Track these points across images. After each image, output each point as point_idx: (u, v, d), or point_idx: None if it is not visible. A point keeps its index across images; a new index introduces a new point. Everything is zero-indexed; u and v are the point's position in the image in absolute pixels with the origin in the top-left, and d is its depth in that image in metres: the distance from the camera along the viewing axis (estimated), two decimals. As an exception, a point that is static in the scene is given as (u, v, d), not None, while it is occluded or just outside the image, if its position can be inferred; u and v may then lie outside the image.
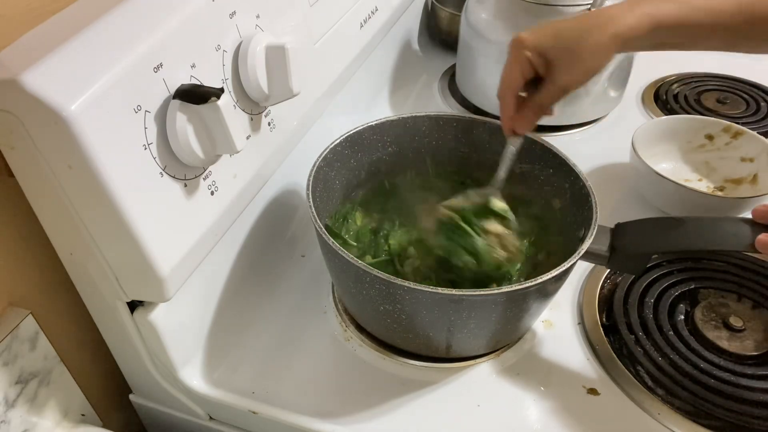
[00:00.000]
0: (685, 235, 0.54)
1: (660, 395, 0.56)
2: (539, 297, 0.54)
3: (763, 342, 0.59)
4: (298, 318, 0.65)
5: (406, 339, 0.58)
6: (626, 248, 0.55)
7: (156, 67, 0.44)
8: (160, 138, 0.45)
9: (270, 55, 0.52)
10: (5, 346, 0.50)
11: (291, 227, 0.72)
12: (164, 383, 0.60)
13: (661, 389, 0.56)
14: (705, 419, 0.54)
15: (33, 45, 0.42)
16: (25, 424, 0.53)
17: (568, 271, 0.52)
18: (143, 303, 0.52)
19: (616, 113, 0.92)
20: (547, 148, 0.63)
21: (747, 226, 0.51)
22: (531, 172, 0.65)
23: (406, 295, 0.51)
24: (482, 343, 0.58)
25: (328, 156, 0.62)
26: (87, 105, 0.39)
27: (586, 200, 0.57)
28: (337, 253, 0.51)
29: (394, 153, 0.69)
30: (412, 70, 1.03)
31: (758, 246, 0.49)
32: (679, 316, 0.62)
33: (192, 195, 0.49)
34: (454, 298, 0.50)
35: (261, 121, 0.57)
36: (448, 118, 0.68)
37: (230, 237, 0.60)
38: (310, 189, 0.57)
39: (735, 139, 0.79)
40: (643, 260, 0.57)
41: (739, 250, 0.65)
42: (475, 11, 0.86)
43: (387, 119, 0.67)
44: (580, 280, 0.67)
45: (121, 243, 0.45)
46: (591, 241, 0.53)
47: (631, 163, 0.76)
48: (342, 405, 0.57)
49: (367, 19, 0.77)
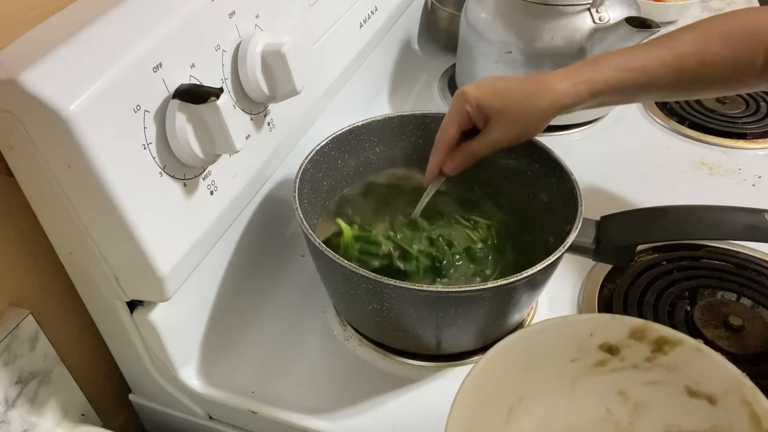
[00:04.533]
0: (668, 225, 0.55)
1: (659, 395, 0.56)
2: (526, 291, 0.54)
3: (762, 341, 0.59)
4: (298, 317, 0.65)
5: (396, 337, 0.59)
6: (611, 240, 0.56)
7: (155, 66, 0.44)
8: (160, 138, 0.45)
9: (270, 55, 0.52)
10: (5, 346, 0.50)
11: (290, 227, 0.72)
12: (164, 383, 0.60)
13: (661, 389, 0.56)
14: (704, 419, 0.54)
15: (33, 45, 0.42)
16: (25, 424, 0.53)
17: (554, 264, 0.52)
18: (143, 303, 0.52)
19: (616, 113, 0.92)
20: (533, 143, 0.63)
21: (731, 215, 0.51)
22: (518, 167, 0.65)
23: (392, 294, 0.51)
24: (472, 339, 0.58)
25: (315, 158, 0.63)
26: (86, 105, 0.39)
27: (572, 194, 0.58)
28: (324, 254, 0.52)
29: (381, 153, 0.69)
30: (411, 70, 1.03)
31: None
32: (679, 316, 0.62)
33: (191, 195, 0.49)
34: (441, 295, 0.50)
35: (260, 121, 0.57)
36: (434, 117, 0.68)
37: (230, 237, 0.60)
38: (296, 191, 0.58)
39: (663, 354, 0.44)
40: (627, 251, 0.57)
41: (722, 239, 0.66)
42: (475, 11, 0.86)
43: (373, 119, 0.67)
44: (579, 279, 0.67)
45: (120, 242, 0.45)
46: (576, 233, 0.54)
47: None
48: (341, 404, 0.57)
49: (367, 19, 0.78)
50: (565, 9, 0.79)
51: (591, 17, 0.78)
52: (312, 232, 0.54)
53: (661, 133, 0.88)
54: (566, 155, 0.62)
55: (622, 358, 0.45)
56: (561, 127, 0.88)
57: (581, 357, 0.45)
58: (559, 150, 0.62)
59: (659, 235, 0.57)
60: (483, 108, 0.56)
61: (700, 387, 0.42)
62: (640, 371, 0.44)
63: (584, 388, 0.46)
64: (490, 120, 0.56)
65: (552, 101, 0.55)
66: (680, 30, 0.57)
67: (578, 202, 0.57)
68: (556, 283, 0.64)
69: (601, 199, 0.76)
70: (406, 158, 0.71)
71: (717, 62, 0.54)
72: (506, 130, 0.56)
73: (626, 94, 0.57)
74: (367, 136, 0.68)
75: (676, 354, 0.43)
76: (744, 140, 0.86)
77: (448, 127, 0.58)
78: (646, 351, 0.44)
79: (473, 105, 0.56)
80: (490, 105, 0.56)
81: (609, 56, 0.56)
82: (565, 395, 0.46)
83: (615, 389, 0.46)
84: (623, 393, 0.45)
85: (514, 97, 0.56)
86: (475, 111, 0.56)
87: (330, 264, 0.52)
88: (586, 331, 0.45)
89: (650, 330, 0.43)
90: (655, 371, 0.44)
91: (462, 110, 0.56)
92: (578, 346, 0.45)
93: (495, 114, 0.56)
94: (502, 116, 0.56)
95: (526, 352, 0.45)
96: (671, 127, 0.89)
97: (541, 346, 0.45)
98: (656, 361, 0.44)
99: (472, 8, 0.87)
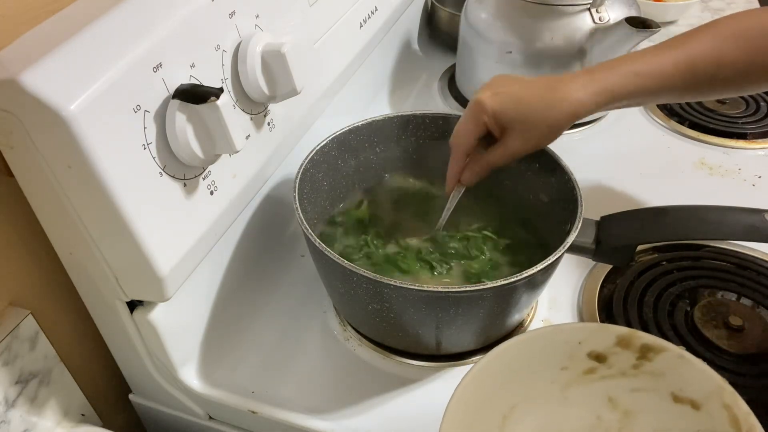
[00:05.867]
0: (668, 225, 0.55)
1: (659, 395, 0.56)
2: (526, 291, 0.54)
3: (762, 341, 0.59)
4: (298, 317, 0.65)
5: (396, 337, 0.59)
6: (611, 240, 0.56)
7: (155, 66, 0.44)
8: (160, 138, 0.45)
9: (270, 55, 0.52)
10: (5, 346, 0.50)
11: (290, 227, 0.72)
12: (164, 383, 0.60)
13: (661, 389, 0.56)
14: (704, 419, 0.54)
15: (33, 45, 0.42)
16: (25, 424, 0.53)
17: (554, 264, 0.52)
18: (143, 302, 0.52)
19: (616, 113, 0.92)
20: None
21: (731, 215, 0.51)
22: (518, 167, 0.65)
23: (392, 294, 0.51)
24: (472, 339, 0.58)
25: (315, 158, 0.63)
26: (86, 105, 0.39)
27: (572, 194, 0.58)
28: (324, 254, 0.52)
29: (381, 153, 0.69)
30: (412, 70, 1.03)
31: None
32: (679, 316, 0.62)
33: (191, 195, 0.49)
34: (441, 295, 0.50)
35: (260, 121, 0.57)
36: (434, 117, 0.68)
37: (230, 236, 0.60)
38: (296, 191, 0.58)
39: (648, 360, 0.45)
40: (628, 251, 0.57)
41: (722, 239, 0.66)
42: (475, 11, 0.86)
43: (373, 119, 0.67)
44: (579, 279, 0.67)
45: (120, 242, 0.45)
46: (576, 233, 0.54)
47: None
48: (341, 404, 0.57)
49: (367, 19, 0.78)
50: (565, 9, 0.79)
51: (591, 17, 0.78)
52: (312, 232, 0.54)
53: (661, 133, 0.88)
54: (566, 155, 0.62)
55: (610, 366, 0.46)
56: (561, 127, 0.89)
57: (571, 365, 0.46)
58: (559, 150, 0.62)
59: (659, 235, 0.57)
60: (500, 119, 0.55)
61: (684, 393, 0.43)
62: (627, 378, 0.45)
63: (575, 396, 0.47)
64: (508, 130, 0.56)
65: (570, 112, 0.54)
66: (693, 31, 0.56)
67: (578, 202, 0.56)
68: (556, 283, 0.64)
69: (601, 199, 0.76)
70: (407, 158, 0.71)
71: (731, 64, 0.54)
72: (526, 140, 0.56)
73: (642, 99, 0.57)
74: (367, 136, 0.68)
75: (660, 361, 0.44)
76: (744, 140, 0.86)
77: (466, 138, 0.57)
78: (632, 358, 0.45)
79: (490, 116, 0.55)
80: (508, 116, 0.55)
81: (625, 61, 0.56)
82: (557, 403, 0.47)
83: (605, 396, 0.46)
84: (612, 400, 0.46)
85: (533, 108, 0.55)
86: (491, 121, 0.55)
87: (330, 264, 0.52)
88: (575, 339, 0.46)
89: (635, 338, 0.45)
90: (642, 378, 0.45)
91: (480, 121, 0.56)
92: (568, 355, 0.46)
93: (513, 125, 0.55)
94: (521, 127, 0.55)
95: (517, 361, 0.46)
96: (671, 127, 0.89)
97: (532, 354, 0.46)
98: (642, 368, 0.45)
99: (472, 8, 0.87)
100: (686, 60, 0.54)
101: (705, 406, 0.42)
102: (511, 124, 0.55)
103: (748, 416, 0.39)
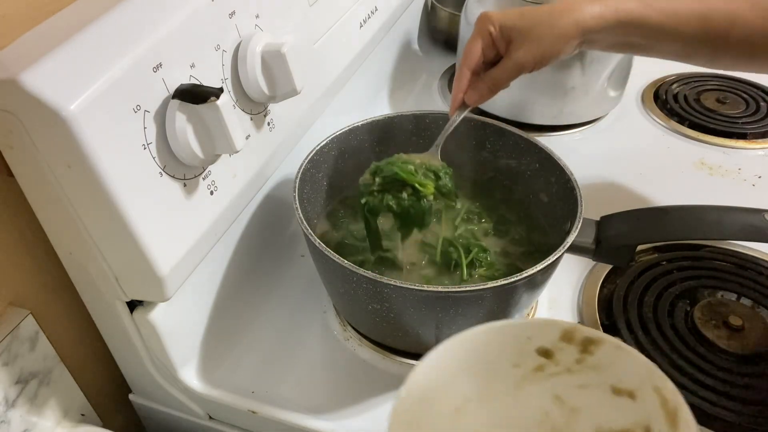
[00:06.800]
0: (668, 225, 0.55)
1: (659, 395, 0.56)
2: (526, 291, 0.55)
3: (762, 341, 0.59)
4: (298, 317, 0.65)
5: (396, 337, 0.59)
6: (611, 240, 0.56)
7: (155, 66, 0.44)
8: (160, 138, 0.45)
9: (270, 55, 0.52)
10: (5, 346, 0.50)
11: (290, 227, 0.72)
12: (164, 383, 0.60)
13: (661, 389, 0.56)
14: (704, 419, 0.54)
15: (32, 45, 0.42)
16: (25, 424, 0.53)
17: (554, 264, 0.52)
18: (143, 302, 0.52)
19: (616, 113, 0.92)
20: (533, 143, 0.63)
21: (731, 215, 0.51)
22: (518, 167, 0.65)
23: (392, 294, 0.51)
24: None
25: (315, 158, 0.63)
26: (86, 105, 0.39)
27: (572, 194, 0.58)
28: (324, 254, 0.52)
29: (381, 153, 0.69)
30: (411, 70, 1.03)
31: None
32: (679, 316, 0.62)
33: (191, 195, 0.49)
34: (441, 295, 0.50)
35: (260, 121, 0.57)
36: (434, 117, 0.68)
37: (230, 236, 0.60)
38: (296, 191, 0.58)
39: (589, 354, 0.44)
40: (628, 252, 0.57)
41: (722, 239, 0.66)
42: (475, 11, 0.86)
43: (373, 119, 0.67)
44: (579, 279, 0.67)
45: (120, 242, 0.45)
46: (576, 233, 0.54)
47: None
48: (342, 404, 0.57)
49: (367, 19, 0.78)
50: (565, 9, 0.78)
51: (591, 17, 0.78)
52: (312, 232, 0.54)
53: (661, 133, 0.88)
54: (566, 155, 0.62)
55: (557, 362, 0.45)
56: (561, 127, 0.88)
57: (521, 362, 0.46)
58: (559, 150, 0.62)
59: (659, 235, 0.57)
60: (506, 29, 0.55)
61: (622, 384, 0.43)
62: (573, 375, 0.45)
63: (526, 394, 0.47)
64: (513, 41, 0.55)
65: (576, 21, 0.54)
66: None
67: (578, 202, 0.57)
68: (556, 283, 0.64)
69: (601, 199, 0.76)
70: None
71: (744, 25, 0.54)
72: (530, 49, 0.55)
73: (648, 36, 0.56)
74: (368, 136, 0.68)
75: (600, 354, 0.44)
76: (744, 140, 0.86)
77: (472, 50, 0.56)
78: (575, 353, 0.44)
79: (496, 26, 0.55)
80: (514, 25, 0.55)
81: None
82: (508, 400, 0.47)
83: (552, 395, 0.46)
84: (559, 398, 0.46)
85: (539, 18, 0.55)
86: (498, 33, 0.55)
87: (330, 264, 0.52)
88: (524, 335, 0.45)
89: (577, 331, 0.44)
90: (585, 374, 0.45)
91: (485, 32, 0.55)
92: (519, 351, 0.46)
93: (518, 34, 0.55)
94: (526, 35, 0.54)
95: (469, 355, 0.45)
96: (671, 127, 0.89)
97: (484, 349, 0.45)
98: (584, 362, 0.44)
99: (472, 8, 0.87)
100: (701, 9, 0.54)
101: (639, 395, 0.42)
102: (515, 34, 0.55)
103: (674, 394, 0.39)
